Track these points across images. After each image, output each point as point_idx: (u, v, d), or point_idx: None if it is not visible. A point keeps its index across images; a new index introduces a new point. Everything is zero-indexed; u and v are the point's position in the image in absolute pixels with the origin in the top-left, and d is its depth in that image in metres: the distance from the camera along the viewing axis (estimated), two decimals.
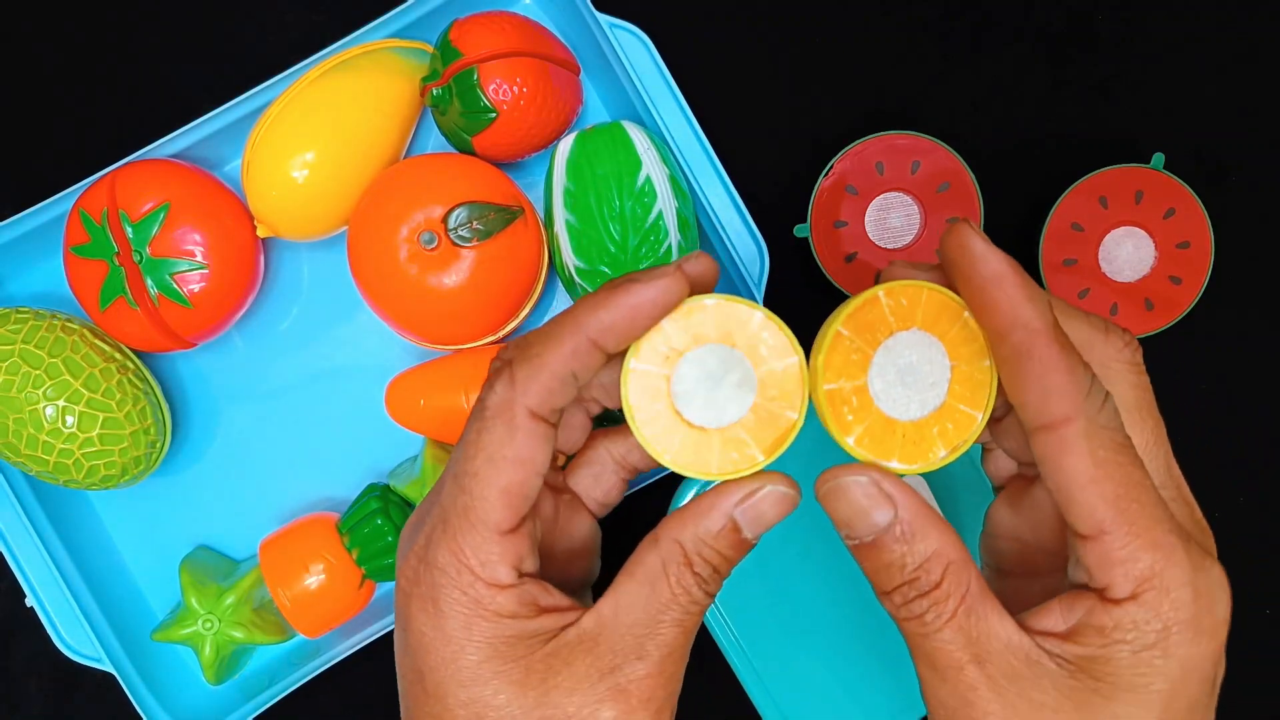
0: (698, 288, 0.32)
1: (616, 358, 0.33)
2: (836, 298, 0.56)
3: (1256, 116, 0.59)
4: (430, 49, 0.55)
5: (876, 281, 0.32)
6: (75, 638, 0.55)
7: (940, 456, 0.31)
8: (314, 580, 0.53)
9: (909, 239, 0.56)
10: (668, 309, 0.32)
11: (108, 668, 0.54)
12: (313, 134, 0.52)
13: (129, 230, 0.51)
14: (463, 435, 0.33)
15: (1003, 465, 0.35)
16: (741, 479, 0.32)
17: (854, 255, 0.56)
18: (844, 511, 0.31)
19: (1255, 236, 0.58)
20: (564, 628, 0.32)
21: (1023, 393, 0.29)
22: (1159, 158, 0.55)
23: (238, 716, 0.54)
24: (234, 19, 0.59)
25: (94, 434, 0.51)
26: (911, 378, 0.31)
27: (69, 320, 0.53)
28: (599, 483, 0.38)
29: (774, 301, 0.56)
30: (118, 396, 0.51)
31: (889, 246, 0.56)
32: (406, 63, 0.54)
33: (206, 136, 0.54)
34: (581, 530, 0.37)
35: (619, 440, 0.37)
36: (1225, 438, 0.59)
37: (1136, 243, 0.56)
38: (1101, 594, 0.29)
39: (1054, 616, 0.30)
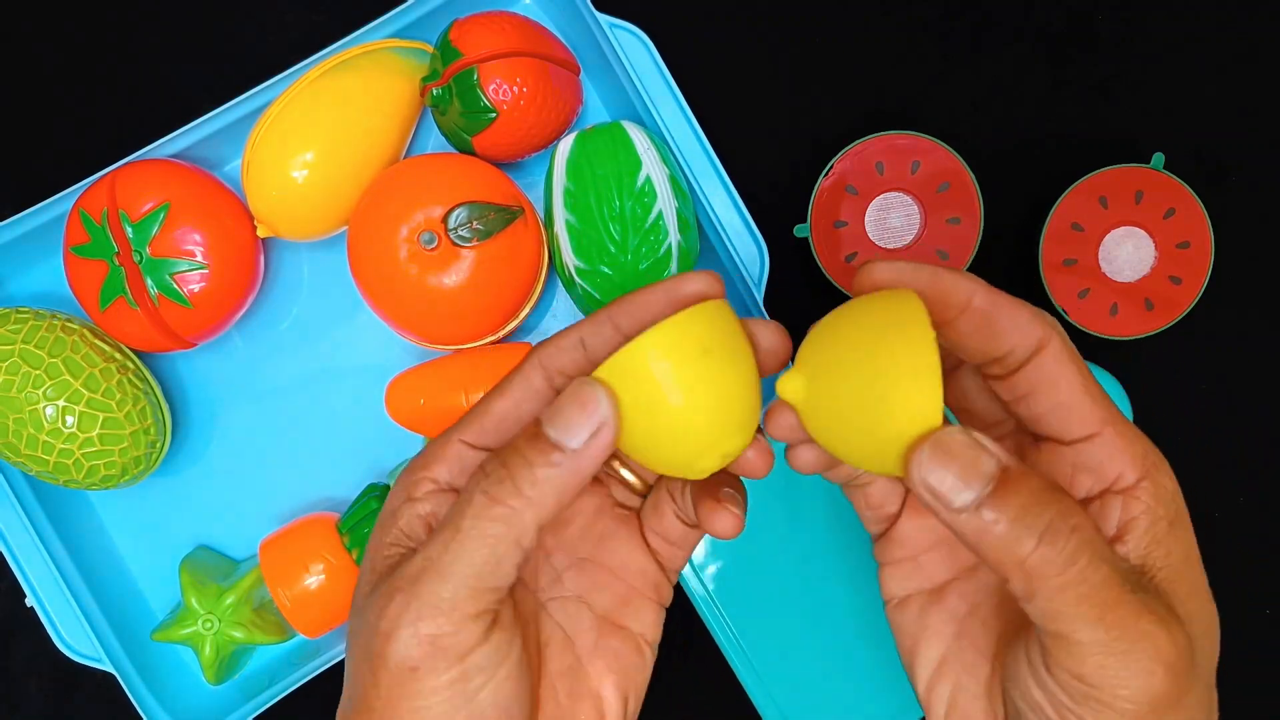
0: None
1: None
2: (837, 298, 0.56)
3: (1256, 116, 0.59)
4: (430, 49, 0.55)
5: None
6: (75, 638, 0.55)
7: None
8: (314, 580, 0.53)
9: (909, 239, 0.56)
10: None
11: (108, 668, 0.54)
12: (313, 134, 0.52)
13: (129, 230, 0.51)
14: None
15: (881, 500, 0.36)
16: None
17: (854, 255, 0.56)
18: (955, 469, 0.28)
19: (1255, 236, 0.58)
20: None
21: (1003, 339, 0.31)
22: (1159, 158, 0.55)
23: (238, 716, 0.54)
24: (234, 19, 0.59)
25: (94, 434, 0.51)
26: None
27: (69, 320, 0.53)
28: (657, 511, 0.36)
29: (774, 301, 0.56)
30: (118, 396, 0.51)
31: (889, 246, 0.56)
32: (406, 63, 0.54)
33: (206, 136, 0.54)
34: (622, 560, 0.36)
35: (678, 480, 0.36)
36: (1225, 438, 0.59)
37: (1136, 243, 0.56)
38: (1115, 486, 0.31)
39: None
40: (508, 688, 0.31)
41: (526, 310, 0.55)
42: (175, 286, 0.52)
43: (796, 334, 0.33)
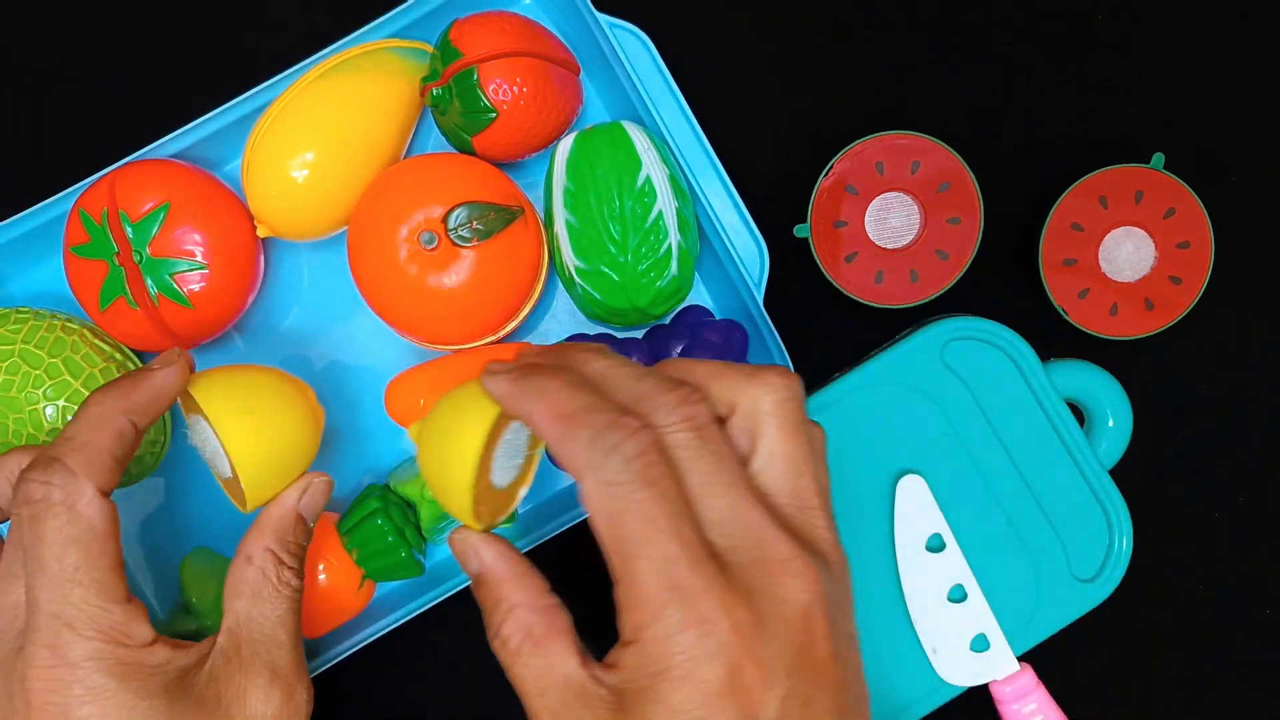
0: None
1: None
2: (836, 298, 0.56)
3: (1256, 116, 0.59)
4: (430, 49, 0.55)
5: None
6: None
7: (520, 498, 0.43)
8: (314, 580, 0.53)
9: (909, 239, 0.56)
10: (180, 389, 0.44)
11: None
12: (313, 134, 0.52)
13: (129, 230, 0.51)
14: (16, 537, 0.40)
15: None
16: (298, 483, 0.45)
17: (854, 255, 0.56)
18: (459, 562, 0.39)
19: (1255, 236, 0.58)
20: (201, 659, 0.41)
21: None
22: (1159, 158, 0.55)
23: None
24: (234, 19, 0.59)
25: None
26: (513, 450, 0.41)
27: (69, 320, 0.53)
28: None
29: (774, 301, 0.56)
30: None
31: (889, 246, 0.56)
32: (406, 63, 0.54)
33: (206, 136, 0.54)
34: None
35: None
36: (1225, 438, 0.59)
37: (1136, 243, 0.56)
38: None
39: (613, 652, 0.35)
40: None
41: (526, 310, 0.55)
42: (175, 286, 0.52)
43: (796, 335, 0.33)
